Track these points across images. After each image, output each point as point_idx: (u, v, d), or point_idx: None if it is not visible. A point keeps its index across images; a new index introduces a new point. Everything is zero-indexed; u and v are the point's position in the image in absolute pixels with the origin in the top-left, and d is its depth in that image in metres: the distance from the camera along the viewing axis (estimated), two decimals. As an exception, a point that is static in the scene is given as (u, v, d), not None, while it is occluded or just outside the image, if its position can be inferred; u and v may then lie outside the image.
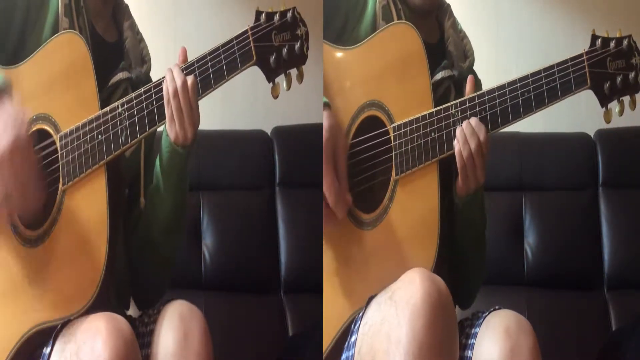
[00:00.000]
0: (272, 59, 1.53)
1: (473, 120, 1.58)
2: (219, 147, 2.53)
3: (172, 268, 1.74)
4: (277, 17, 1.53)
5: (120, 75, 1.66)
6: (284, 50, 1.53)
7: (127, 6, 1.76)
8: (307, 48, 1.54)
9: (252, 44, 1.52)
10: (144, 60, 1.72)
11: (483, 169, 1.61)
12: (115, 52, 1.71)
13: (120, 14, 1.74)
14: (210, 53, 1.54)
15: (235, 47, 1.53)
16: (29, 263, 1.58)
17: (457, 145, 1.59)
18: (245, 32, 1.53)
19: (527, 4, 2.70)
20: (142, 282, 1.71)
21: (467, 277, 1.75)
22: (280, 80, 1.55)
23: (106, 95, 1.61)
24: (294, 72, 1.55)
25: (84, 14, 1.66)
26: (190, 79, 1.54)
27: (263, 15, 1.54)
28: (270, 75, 1.54)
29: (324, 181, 1.64)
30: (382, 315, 1.52)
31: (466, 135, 1.58)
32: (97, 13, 1.70)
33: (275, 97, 1.56)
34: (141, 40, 1.75)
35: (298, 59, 1.54)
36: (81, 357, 1.45)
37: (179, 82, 1.54)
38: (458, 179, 1.63)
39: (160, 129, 1.62)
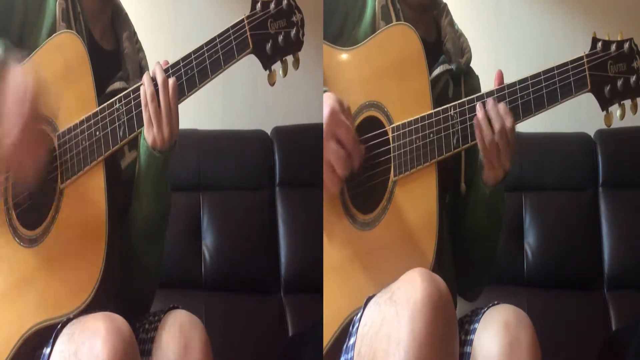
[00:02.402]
0: (268, 46, 1.53)
1: (501, 105, 1.57)
2: (219, 147, 2.53)
3: (155, 282, 1.72)
4: (272, 5, 1.53)
5: (117, 85, 1.66)
6: (280, 37, 1.53)
7: (126, 15, 1.75)
8: (303, 34, 1.55)
9: (248, 33, 1.53)
10: (143, 71, 1.71)
11: (508, 156, 1.60)
12: (112, 60, 1.71)
13: (119, 23, 1.74)
14: (207, 44, 1.54)
15: (232, 37, 1.53)
16: (28, 263, 1.58)
17: (479, 130, 1.58)
18: (242, 21, 1.53)
19: (527, 4, 2.70)
20: (124, 291, 1.68)
21: (482, 266, 1.76)
22: (277, 67, 1.55)
23: (102, 103, 1.60)
24: (289, 58, 1.55)
25: (81, 19, 1.66)
26: (171, 80, 1.54)
27: (259, 4, 1.54)
28: (267, 63, 1.54)
29: (338, 128, 1.60)
30: (382, 315, 1.52)
31: (491, 118, 1.57)
32: (94, 18, 1.70)
33: (272, 84, 1.56)
34: (140, 49, 1.75)
35: (294, 45, 1.54)
36: (80, 357, 1.44)
37: (159, 80, 1.54)
38: (484, 169, 1.62)
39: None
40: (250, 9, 1.54)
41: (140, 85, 1.56)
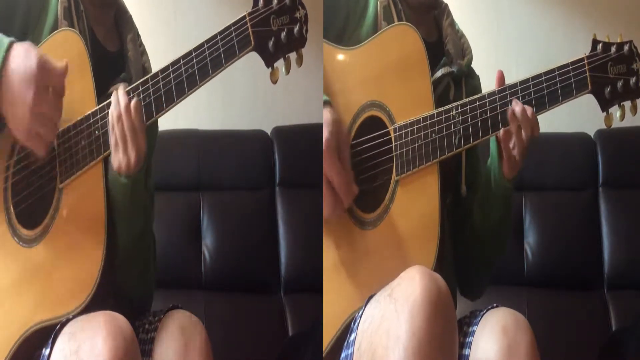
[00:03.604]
0: (271, 43, 1.49)
1: (529, 110, 1.57)
2: (219, 147, 2.53)
3: (152, 287, 1.72)
4: (275, 1, 1.49)
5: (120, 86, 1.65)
6: (283, 34, 1.49)
7: (130, 17, 1.74)
8: (307, 30, 1.51)
9: (250, 29, 1.49)
10: (146, 73, 1.69)
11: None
12: (115, 61, 1.69)
13: (122, 25, 1.73)
14: (207, 41, 1.51)
15: (233, 34, 1.49)
16: (27, 263, 1.58)
17: (508, 132, 1.59)
18: (243, 17, 1.50)
19: (527, 4, 2.70)
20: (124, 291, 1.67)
21: (488, 264, 1.78)
22: (279, 65, 1.51)
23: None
24: (293, 56, 1.51)
25: (83, 17, 1.65)
26: (133, 101, 1.51)
27: (261, 1, 1.50)
28: (269, 60, 1.50)
29: (330, 170, 1.61)
30: (381, 312, 1.52)
31: (521, 124, 1.58)
32: (97, 19, 1.69)
33: (274, 82, 1.52)
34: (143, 52, 1.74)
35: (297, 42, 1.50)
36: (81, 356, 1.44)
37: (122, 103, 1.51)
38: (504, 164, 1.63)
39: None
40: (252, 6, 1.50)
41: (148, 77, 1.53)
